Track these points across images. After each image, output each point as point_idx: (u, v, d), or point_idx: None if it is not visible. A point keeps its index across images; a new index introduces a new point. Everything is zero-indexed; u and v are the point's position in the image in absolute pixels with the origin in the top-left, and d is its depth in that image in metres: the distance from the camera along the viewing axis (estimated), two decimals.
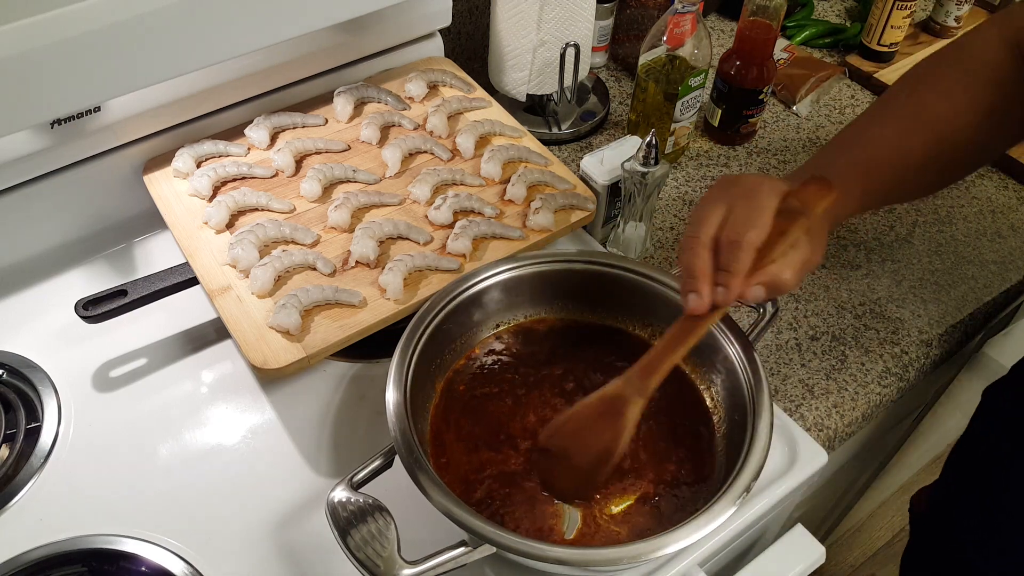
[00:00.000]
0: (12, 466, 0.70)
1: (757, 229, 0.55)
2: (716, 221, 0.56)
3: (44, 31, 0.60)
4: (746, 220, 0.55)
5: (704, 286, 0.56)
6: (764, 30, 0.95)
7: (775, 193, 0.56)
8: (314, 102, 0.92)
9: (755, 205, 0.55)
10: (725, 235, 0.55)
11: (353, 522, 0.56)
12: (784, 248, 0.55)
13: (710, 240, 0.56)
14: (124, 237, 0.88)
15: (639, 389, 0.59)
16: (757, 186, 0.57)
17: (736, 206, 0.56)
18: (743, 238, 0.54)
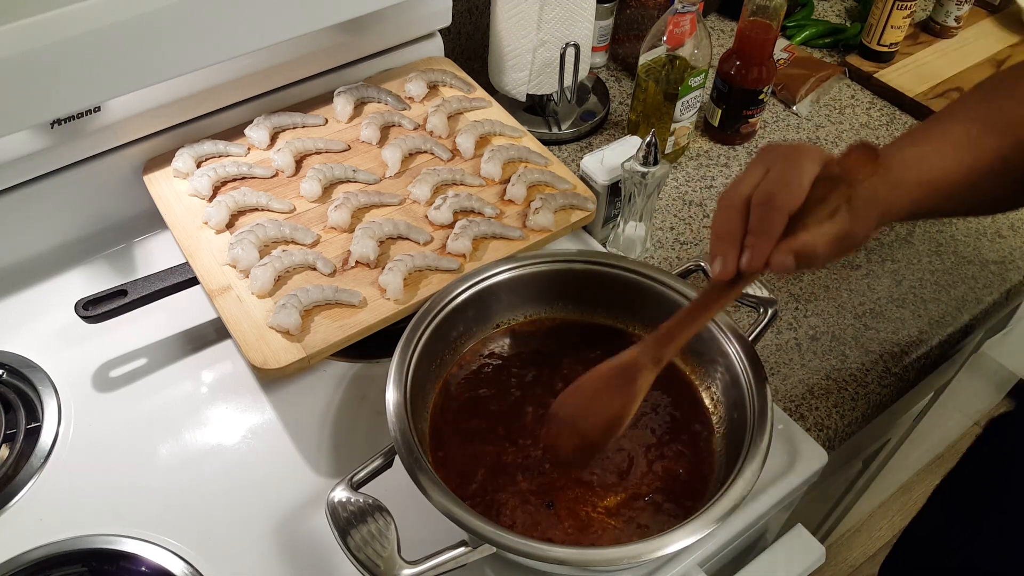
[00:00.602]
0: (12, 466, 0.70)
1: (791, 192, 0.51)
2: (752, 182, 0.53)
3: (44, 31, 0.60)
4: (781, 181, 0.51)
5: (731, 249, 0.53)
6: (764, 30, 0.95)
7: (816, 158, 0.52)
8: (314, 102, 0.92)
9: (792, 167, 0.52)
10: (756, 196, 0.52)
11: (353, 522, 0.56)
12: (820, 216, 0.52)
13: (742, 201, 0.53)
14: (124, 237, 0.88)
15: (654, 358, 0.58)
16: (798, 150, 0.53)
17: (774, 168, 0.53)
18: (775, 198, 0.51)
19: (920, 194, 0.57)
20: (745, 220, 0.53)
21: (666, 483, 0.65)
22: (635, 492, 0.65)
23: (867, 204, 0.54)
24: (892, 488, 1.86)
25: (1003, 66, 1.18)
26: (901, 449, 1.38)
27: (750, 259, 0.52)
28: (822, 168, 0.52)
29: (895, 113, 1.13)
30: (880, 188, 0.55)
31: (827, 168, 0.53)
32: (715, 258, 0.54)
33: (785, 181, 0.51)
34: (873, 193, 0.54)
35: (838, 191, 0.52)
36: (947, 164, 0.58)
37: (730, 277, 0.54)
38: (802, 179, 0.51)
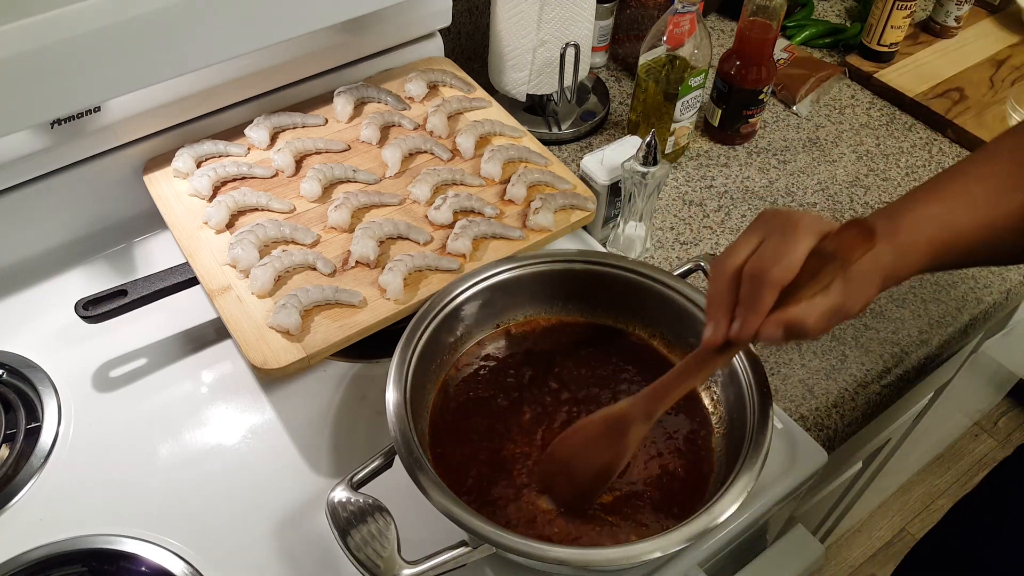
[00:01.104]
0: (12, 466, 0.70)
1: (783, 266, 0.52)
2: (746, 252, 0.54)
3: (44, 31, 0.60)
4: (774, 256, 0.52)
5: (722, 318, 0.55)
6: (764, 30, 0.95)
7: (812, 232, 0.53)
8: (314, 102, 0.92)
9: (787, 241, 0.52)
10: (749, 268, 0.53)
11: (353, 522, 0.56)
12: (813, 291, 0.52)
13: (735, 271, 0.54)
14: (124, 237, 0.88)
15: (645, 413, 0.60)
16: (795, 222, 0.53)
17: (769, 240, 0.54)
18: (767, 274, 0.52)
19: (931, 255, 0.57)
20: (736, 290, 0.54)
21: (666, 483, 0.65)
22: (635, 492, 0.65)
23: (864, 277, 0.54)
24: (892, 488, 1.86)
25: (1003, 66, 1.18)
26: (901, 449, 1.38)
27: (738, 331, 0.54)
28: (818, 242, 0.53)
29: (895, 113, 1.13)
30: (883, 256, 0.54)
31: (823, 243, 0.53)
32: (708, 324, 0.56)
33: (778, 255, 0.52)
34: (873, 264, 0.54)
35: (832, 266, 0.53)
36: (963, 223, 0.57)
37: (718, 345, 0.55)
38: (795, 253, 0.52)
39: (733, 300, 0.54)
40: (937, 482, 1.94)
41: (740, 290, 0.54)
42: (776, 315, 0.53)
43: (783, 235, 0.53)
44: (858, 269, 0.53)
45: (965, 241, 0.57)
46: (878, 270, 0.54)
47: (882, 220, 0.56)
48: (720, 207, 0.98)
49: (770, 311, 0.53)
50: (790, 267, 0.52)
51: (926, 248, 0.56)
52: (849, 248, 0.52)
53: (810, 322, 0.52)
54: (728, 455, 0.65)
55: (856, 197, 1.01)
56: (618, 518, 0.63)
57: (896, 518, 1.88)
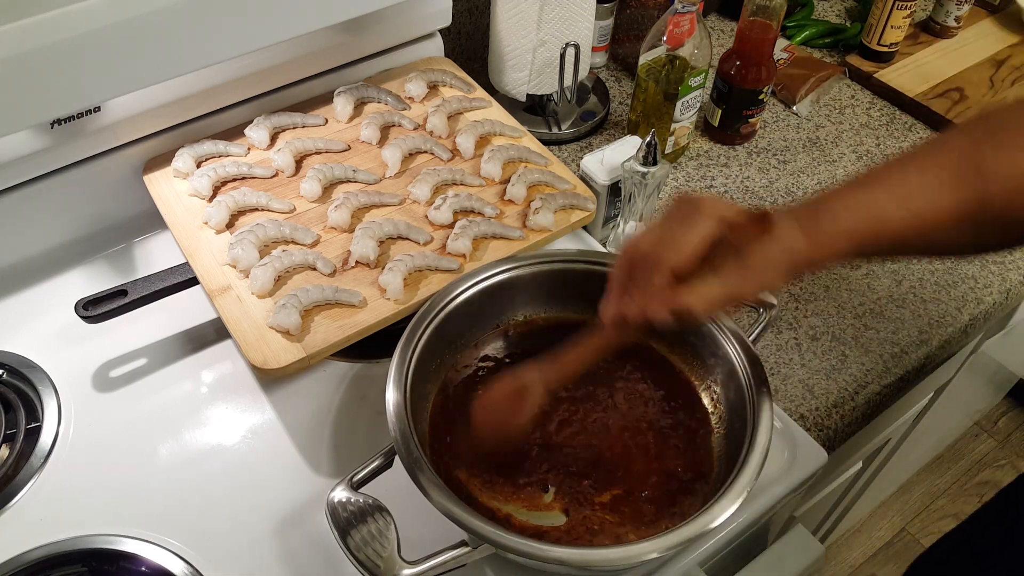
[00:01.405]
0: (12, 466, 0.70)
1: (674, 251, 0.54)
2: (650, 238, 0.56)
3: (44, 31, 0.60)
4: (668, 241, 0.55)
5: (616, 296, 0.57)
6: (764, 30, 0.95)
7: (712, 220, 0.54)
8: (314, 102, 0.92)
9: (684, 226, 0.55)
10: (647, 253, 0.55)
11: (353, 522, 0.56)
12: (704, 276, 0.54)
13: (635, 253, 0.57)
14: (124, 237, 0.88)
15: (545, 383, 0.63)
16: (697, 210, 0.55)
17: (670, 225, 0.56)
18: (657, 257, 0.54)
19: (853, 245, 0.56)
20: (634, 271, 0.56)
21: (666, 483, 0.65)
22: (635, 491, 0.65)
23: (764, 264, 0.54)
24: (892, 488, 1.87)
25: (1003, 66, 1.18)
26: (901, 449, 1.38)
27: (628, 309, 0.56)
28: (719, 229, 0.54)
29: (895, 113, 1.13)
30: (793, 243, 0.54)
31: (723, 230, 0.54)
32: (603, 301, 0.59)
33: (672, 244, 0.54)
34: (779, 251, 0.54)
35: (725, 252, 0.54)
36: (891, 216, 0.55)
37: (609, 320, 0.58)
38: (688, 241, 0.54)
39: (630, 280, 0.57)
40: (937, 482, 1.94)
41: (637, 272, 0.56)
42: (663, 296, 0.54)
43: (683, 221, 0.55)
44: (758, 256, 0.54)
45: (891, 233, 0.56)
46: (783, 258, 0.55)
47: (806, 207, 0.57)
48: None
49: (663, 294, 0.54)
50: (682, 251, 0.54)
51: (847, 238, 0.55)
52: (743, 235, 0.54)
53: (696, 305, 0.54)
54: (728, 455, 0.65)
55: None
56: (618, 518, 0.63)
57: (896, 518, 1.88)
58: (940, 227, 0.55)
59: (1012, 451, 2.00)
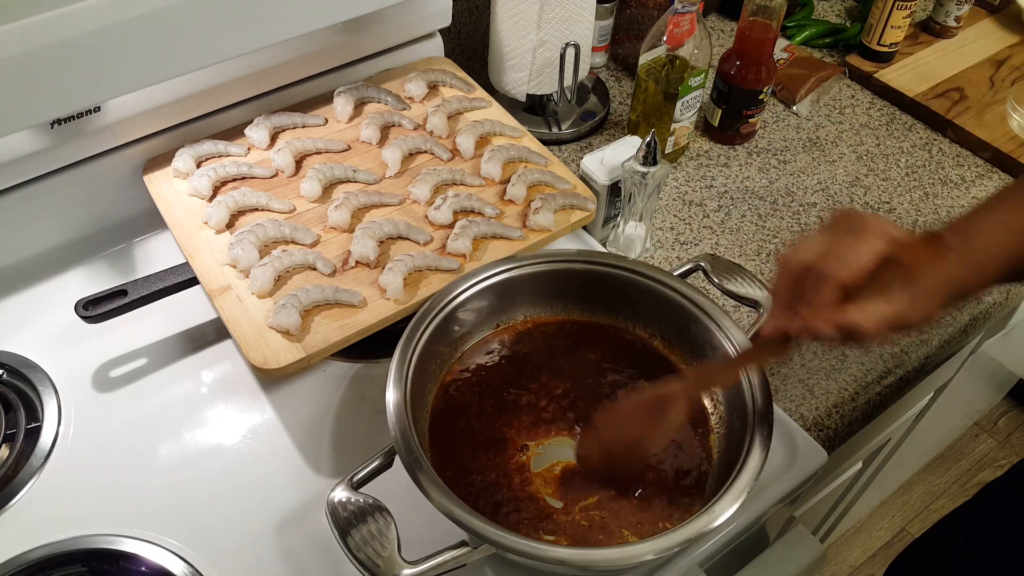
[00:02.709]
0: (12, 466, 0.70)
1: (846, 267, 0.52)
2: (815, 250, 0.54)
3: (44, 31, 0.60)
4: (839, 255, 0.52)
5: (781, 311, 0.55)
6: (764, 30, 0.95)
7: (883, 238, 0.52)
8: (314, 102, 0.92)
9: (855, 242, 0.52)
10: (815, 265, 0.53)
11: (353, 522, 0.56)
12: (875, 296, 0.52)
13: (800, 266, 0.54)
14: (124, 237, 0.88)
15: (689, 393, 0.62)
16: (867, 226, 0.53)
17: (838, 238, 0.53)
18: (829, 271, 0.52)
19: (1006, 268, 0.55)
20: (799, 285, 0.54)
21: (666, 483, 0.65)
22: (635, 491, 0.65)
23: (929, 290, 0.53)
24: (892, 488, 1.87)
25: (1003, 66, 1.18)
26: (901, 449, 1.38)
27: (794, 323, 0.54)
28: (889, 247, 0.52)
29: (895, 113, 1.13)
30: (953, 271, 0.53)
31: (894, 250, 0.52)
32: (769, 316, 0.56)
33: (843, 254, 0.52)
34: (942, 278, 0.53)
35: (898, 274, 0.52)
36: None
37: (770, 335, 0.56)
38: (861, 255, 0.52)
39: (795, 294, 0.54)
40: (937, 482, 1.94)
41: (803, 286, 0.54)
42: (832, 314, 0.52)
43: (852, 235, 0.53)
44: (925, 281, 0.53)
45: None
46: (945, 285, 0.53)
47: (955, 235, 0.55)
48: (720, 207, 0.98)
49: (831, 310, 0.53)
50: (853, 267, 0.52)
51: (1001, 262, 0.55)
52: (919, 259, 0.52)
53: (865, 325, 0.52)
54: (728, 455, 0.65)
55: (856, 197, 1.01)
56: (618, 518, 0.63)
57: (896, 518, 1.88)
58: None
59: (1012, 451, 2.00)
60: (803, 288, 0.54)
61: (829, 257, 0.53)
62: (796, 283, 0.54)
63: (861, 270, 0.52)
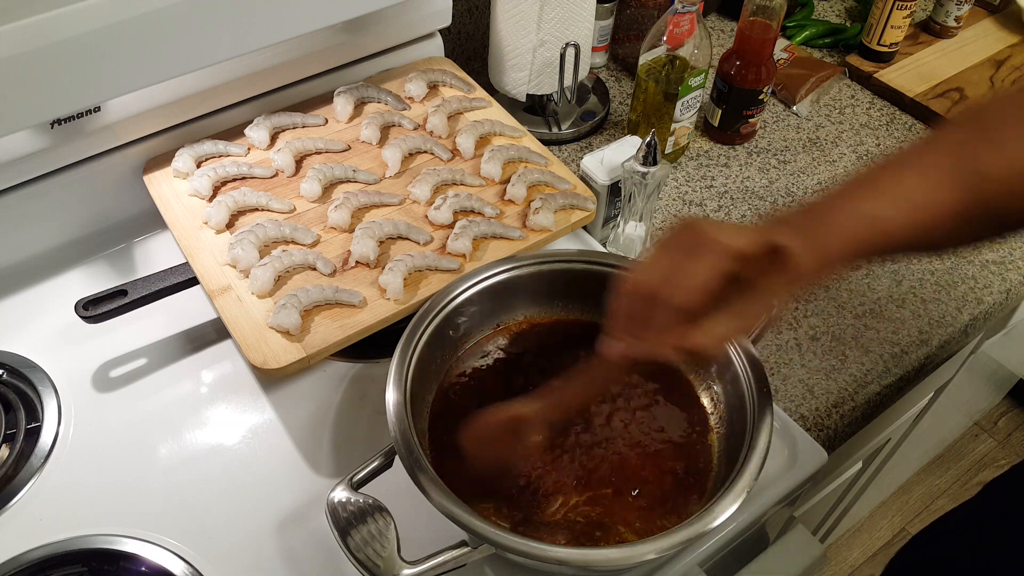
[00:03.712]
0: (12, 466, 0.70)
1: (681, 291, 0.51)
2: (655, 271, 0.53)
3: (44, 31, 0.60)
4: (677, 280, 0.52)
5: (619, 334, 0.55)
6: (764, 30, 0.95)
7: (722, 254, 0.51)
8: (314, 102, 0.92)
9: (691, 263, 0.51)
10: (653, 291, 0.52)
11: (353, 522, 0.56)
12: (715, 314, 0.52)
13: (640, 287, 0.53)
14: (124, 237, 0.88)
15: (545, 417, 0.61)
16: (705, 243, 0.52)
17: (676, 262, 0.52)
18: (667, 299, 0.51)
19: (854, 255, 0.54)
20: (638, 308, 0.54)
21: (666, 483, 0.65)
22: (635, 492, 0.65)
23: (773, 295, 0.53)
24: (892, 488, 1.87)
25: (1003, 66, 1.18)
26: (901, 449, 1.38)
27: (633, 349, 0.54)
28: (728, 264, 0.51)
29: (895, 113, 1.13)
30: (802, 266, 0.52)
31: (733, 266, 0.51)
32: (606, 338, 0.56)
33: (681, 279, 0.51)
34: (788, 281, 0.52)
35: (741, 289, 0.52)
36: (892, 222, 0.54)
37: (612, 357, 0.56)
38: (698, 278, 0.51)
39: (633, 317, 0.54)
40: (937, 482, 1.94)
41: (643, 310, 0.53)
42: (673, 337, 0.52)
43: (690, 256, 0.52)
44: (768, 289, 0.52)
45: (893, 240, 0.54)
46: (789, 286, 0.53)
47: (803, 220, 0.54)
48: (720, 207, 0.98)
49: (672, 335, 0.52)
50: (691, 292, 0.51)
51: (849, 248, 0.54)
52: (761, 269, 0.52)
53: (708, 345, 0.52)
54: (728, 455, 0.65)
55: None
56: (618, 518, 0.63)
57: (896, 518, 1.88)
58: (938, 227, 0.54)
59: (1012, 451, 2.00)
60: (643, 313, 0.53)
61: (667, 283, 0.52)
62: (633, 307, 0.54)
63: (699, 294, 0.51)
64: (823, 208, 0.55)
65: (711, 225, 0.53)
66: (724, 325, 0.53)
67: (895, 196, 0.54)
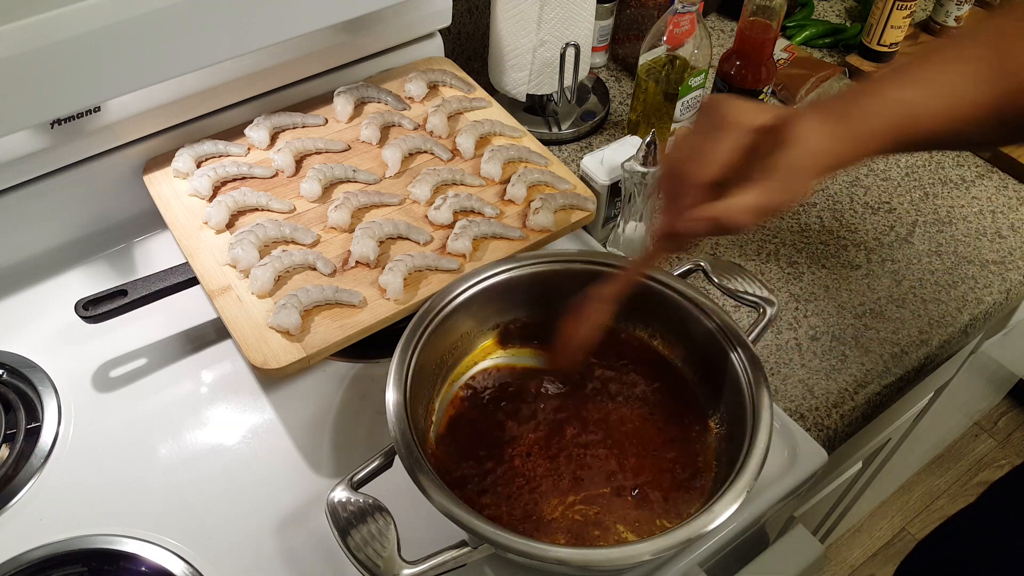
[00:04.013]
0: (12, 466, 0.70)
1: (702, 166, 0.53)
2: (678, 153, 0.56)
3: (44, 31, 0.60)
4: (696, 156, 0.54)
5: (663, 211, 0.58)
6: (764, 30, 0.95)
7: (737, 129, 0.53)
8: (314, 102, 0.92)
9: (715, 140, 0.54)
10: (678, 169, 0.55)
11: (353, 522, 0.56)
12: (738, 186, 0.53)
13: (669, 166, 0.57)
14: (124, 237, 0.88)
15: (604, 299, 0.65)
16: (723, 119, 0.54)
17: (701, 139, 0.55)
18: (684, 172, 0.54)
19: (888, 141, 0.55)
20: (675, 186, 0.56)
21: (665, 483, 0.65)
22: (635, 492, 0.65)
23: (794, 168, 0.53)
24: (892, 488, 1.87)
25: None
26: (901, 449, 1.38)
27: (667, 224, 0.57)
28: (749, 137, 0.53)
29: None
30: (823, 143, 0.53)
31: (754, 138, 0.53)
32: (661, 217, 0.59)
33: (703, 157, 0.54)
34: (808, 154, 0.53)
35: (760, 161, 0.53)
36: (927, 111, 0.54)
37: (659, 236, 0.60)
38: (720, 153, 0.53)
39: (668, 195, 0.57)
40: (937, 482, 1.94)
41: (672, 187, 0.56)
42: (698, 211, 0.54)
43: (709, 132, 0.54)
44: (787, 163, 0.53)
45: (926, 129, 0.55)
46: (814, 161, 0.54)
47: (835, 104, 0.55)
48: None
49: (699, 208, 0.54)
50: (713, 164, 0.53)
51: (880, 135, 0.54)
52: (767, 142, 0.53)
53: (731, 216, 0.53)
54: (728, 455, 0.65)
55: (856, 197, 1.01)
56: (618, 518, 0.63)
57: (896, 518, 1.88)
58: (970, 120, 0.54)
59: (1012, 451, 2.00)
60: (675, 190, 0.56)
61: (685, 158, 0.55)
62: (669, 186, 0.57)
63: (721, 167, 0.53)
64: (855, 92, 0.56)
65: (733, 102, 0.55)
66: (747, 196, 0.53)
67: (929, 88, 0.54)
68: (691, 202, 0.54)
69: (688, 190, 0.54)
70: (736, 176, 0.53)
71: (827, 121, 0.54)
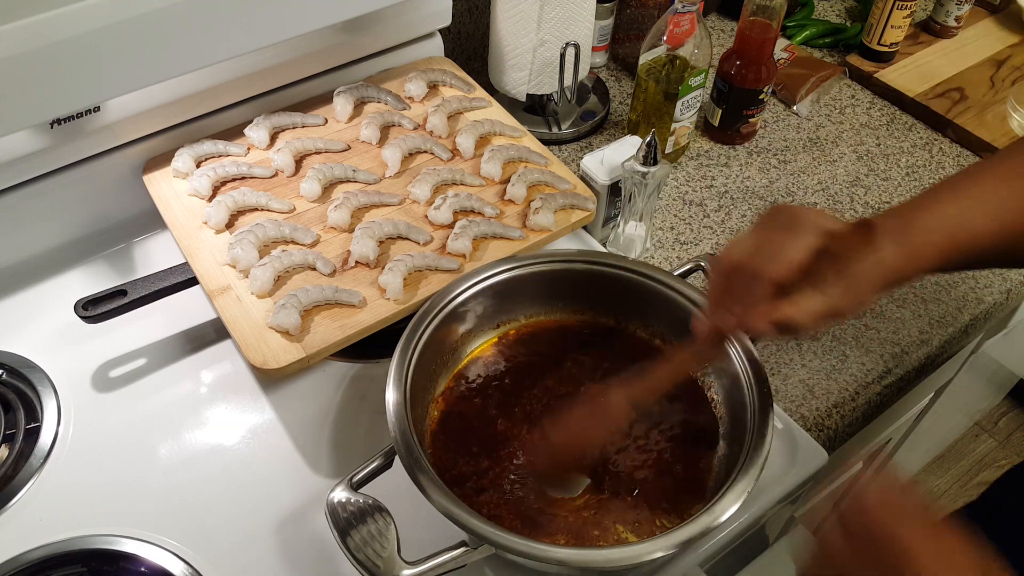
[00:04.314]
0: (12, 466, 0.70)
1: (779, 264, 0.53)
2: (747, 248, 0.55)
3: (44, 31, 0.60)
4: (772, 253, 0.53)
5: (714, 310, 0.56)
6: (764, 30, 0.95)
7: (815, 231, 0.53)
8: (314, 102, 0.92)
9: (788, 239, 0.53)
10: (747, 264, 0.54)
11: (353, 522, 0.56)
12: (808, 290, 0.53)
13: (731, 266, 0.55)
14: (124, 237, 0.88)
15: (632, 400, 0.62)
16: (799, 221, 0.54)
17: (771, 236, 0.54)
18: (760, 269, 0.53)
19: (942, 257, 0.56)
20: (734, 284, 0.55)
21: (666, 483, 0.65)
22: (635, 492, 0.65)
23: (862, 279, 0.54)
24: None
25: (1003, 66, 1.18)
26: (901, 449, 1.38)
27: (727, 321, 0.56)
28: (821, 240, 0.53)
29: (895, 113, 1.13)
30: (888, 258, 0.54)
31: (826, 242, 0.53)
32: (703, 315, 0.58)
33: (775, 251, 0.53)
34: (875, 266, 0.54)
35: (831, 266, 0.53)
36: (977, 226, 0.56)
37: (705, 334, 0.58)
38: (792, 253, 0.53)
39: (729, 294, 0.55)
40: (937, 482, 1.94)
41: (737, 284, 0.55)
42: (766, 310, 0.53)
43: (785, 231, 0.54)
44: (858, 271, 0.53)
45: (978, 244, 0.56)
46: (880, 272, 0.54)
47: (894, 219, 0.56)
48: (720, 207, 0.98)
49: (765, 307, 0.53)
50: (786, 263, 0.53)
51: (936, 250, 0.56)
52: (852, 249, 0.53)
53: (800, 320, 0.53)
54: (728, 455, 0.65)
55: (856, 197, 1.01)
56: (618, 518, 0.63)
57: None
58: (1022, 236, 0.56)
59: (1012, 451, 2.00)
60: (738, 287, 0.55)
61: (762, 255, 0.54)
62: (730, 282, 0.55)
63: (794, 266, 0.53)
64: (907, 208, 0.57)
65: (806, 208, 0.55)
66: (816, 300, 0.53)
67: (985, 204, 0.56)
68: (758, 299, 0.53)
69: (758, 286, 0.53)
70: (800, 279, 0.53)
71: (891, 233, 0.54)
